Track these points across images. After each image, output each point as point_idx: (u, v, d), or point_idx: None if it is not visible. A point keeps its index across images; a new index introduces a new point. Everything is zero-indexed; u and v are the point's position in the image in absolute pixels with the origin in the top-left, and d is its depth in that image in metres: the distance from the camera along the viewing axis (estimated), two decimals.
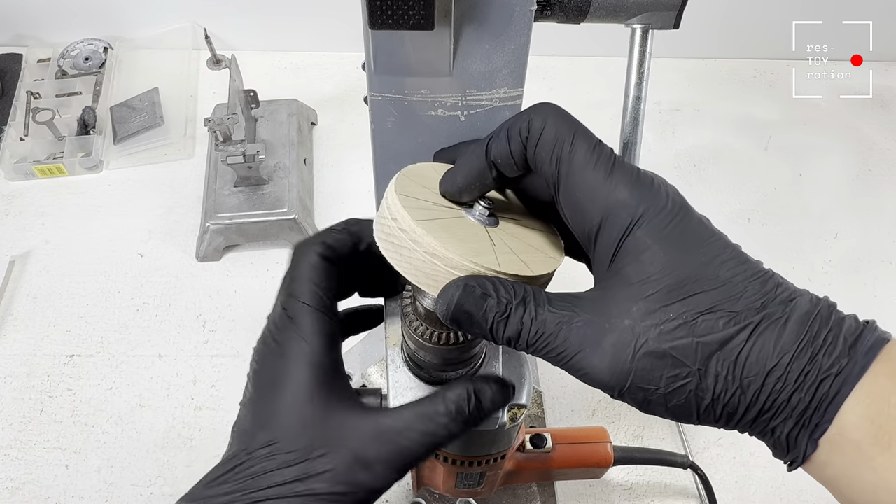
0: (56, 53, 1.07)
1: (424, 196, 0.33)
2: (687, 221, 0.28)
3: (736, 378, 0.26)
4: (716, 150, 1.05)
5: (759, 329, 0.26)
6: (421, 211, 0.31)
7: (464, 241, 0.30)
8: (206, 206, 0.88)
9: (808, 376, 0.26)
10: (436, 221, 0.31)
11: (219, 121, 0.82)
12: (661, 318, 0.27)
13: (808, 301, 0.27)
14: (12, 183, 0.96)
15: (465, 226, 0.32)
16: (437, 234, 0.30)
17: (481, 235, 0.32)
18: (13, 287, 0.86)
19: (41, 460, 0.73)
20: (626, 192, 0.29)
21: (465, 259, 0.29)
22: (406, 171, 0.34)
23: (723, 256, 0.28)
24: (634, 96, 0.43)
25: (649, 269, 0.28)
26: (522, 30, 0.32)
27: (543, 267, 0.32)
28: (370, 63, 0.34)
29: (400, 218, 0.31)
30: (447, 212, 0.33)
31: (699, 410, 0.28)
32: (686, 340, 0.27)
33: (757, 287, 0.27)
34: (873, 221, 0.99)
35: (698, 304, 0.27)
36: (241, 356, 0.80)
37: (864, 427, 0.25)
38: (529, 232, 0.34)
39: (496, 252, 0.31)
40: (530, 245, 0.33)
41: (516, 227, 0.34)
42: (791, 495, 0.75)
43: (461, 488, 0.57)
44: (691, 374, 0.27)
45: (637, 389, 0.27)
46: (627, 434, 0.78)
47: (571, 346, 0.28)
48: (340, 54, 1.12)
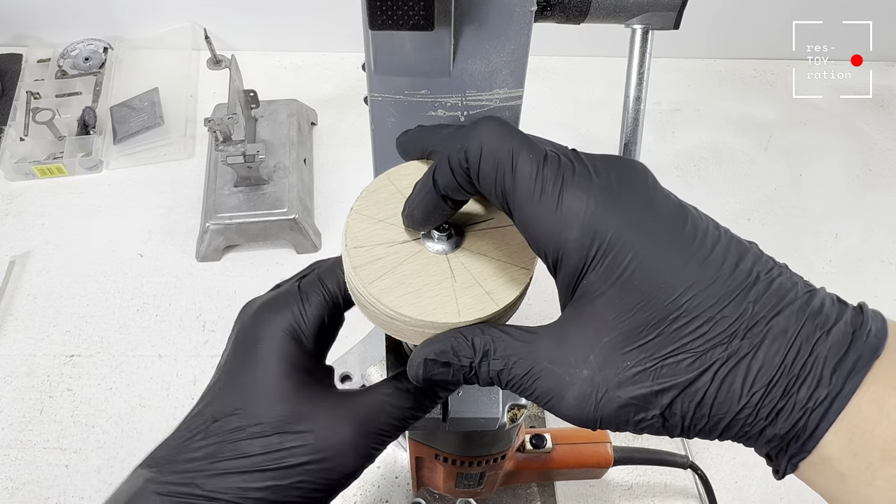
0: (56, 53, 1.07)
1: (379, 235, 0.32)
2: (652, 242, 0.25)
3: (703, 416, 0.25)
4: (716, 150, 1.05)
5: (725, 367, 0.25)
6: (375, 265, 0.31)
7: (420, 293, 0.30)
8: (206, 206, 0.88)
9: (781, 412, 0.24)
10: (390, 274, 0.31)
11: (219, 121, 0.82)
12: (619, 367, 0.26)
13: (790, 316, 0.25)
14: (12, 183, 0.96)
15: (422, 266, 0.32)
16: (392, 296, 0.30)
17: (441, 272, 0.32)
18: (13, 287, 0.86)
19: (41, 460, 0.73)
20: (576, 230, 0.26)
21: (422, 319, 0.30)
22: (359, 205, 0.33)
23: (694, 279, 0.25)
24: (634, 96, 0.43)
25: (605, 315, 0.26)
26: (522, 30, 0.32)
27: (509, 292, 0.31)
28: (370, 63, 0.34)
29: (355, 279, 0.31)
30: (403, 251, 0.32)
31: (672, 436, 0.27)
32: (646, 389, 0.25)
33: (729, 311, 0.25)
34: (873, 221, 0.99)
35: (658, 348, 0.25)
36: None
37: (846, 460, 0.24)
38: (499, 238, 0.33)
39: (456, 293, 0.31)
40: (499, 260, 0.32)
41: (483, 239, 0.33)
42: (791, 495, 0.75)
43: (461, 488, 0.57)
44: (655, 417, 0.26)
45: (609, 426, 0.27)
46: (627, 434, 0.78)
47: (540, 393, 0.28)
48: (340, 54, 1.12)
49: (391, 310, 0.30)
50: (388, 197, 0.34)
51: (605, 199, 0.26)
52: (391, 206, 0.34)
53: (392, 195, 0.34)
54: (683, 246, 0.26)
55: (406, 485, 0.70)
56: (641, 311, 0.25)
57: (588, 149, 0.29)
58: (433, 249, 0.32)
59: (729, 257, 0.26)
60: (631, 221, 0.26)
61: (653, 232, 0.26)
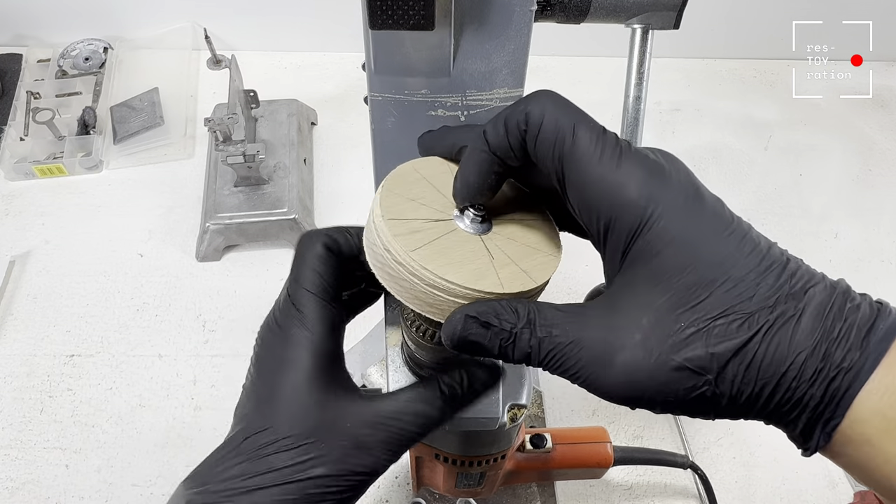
0: (56, 53, 1.07)
1: (413, 212, 0.32)
2: (699, 216, 0.27)
3: (751, 381, 0.26)
4: (716, 150, 1.05)
5: (773, 329, 0.26)
6: (414, 236, 0.30)
7: (462, 265, 0.30)
8: (206, 206, 0.88)
9: (821, 373, 0.25)
10: (430, 246, 0.30)
11: (219, 121, 0.82)
12: (673, 329, 0.26)
13: (823, 290, 0.26)
14: (12, 183, 0.96)
15: (459, 241, 0.32)
16: (435, 263, 0.29)
17: (478, 250, 0.31)
18: (13, 287, 0.86)
19: (41, 460, 0.73)
20: (634, 191, 0.27)
21: (468, 287, 0.29)
22: (389, 184, 0.33)
23: (736, 252, 0.27)
24: (634, 96, 0.43)
25: (658, 276, 0.27)
26: (522, 30, 0.32)
27: (544, 272, 0.31)
28: (370, 63, 0.34)
29: (394, 250, 0.30)
30: (439, 227, 0.32)
31: (715, 411, 0.27)
32: (700, 351, 0.26)
33: (771, 281, 0.26)
34: (873, 221, 0.99)
35: (711, 309, 0.26)
36: (241, 356, 0.80)
37: (874, 421, 0.25)
38: (525, 229, 0.34)
39: (496, 267, 0.30)
40: (528, 245, 0.33)
41: (511, 227, 0.33)
42: (791, 495, 0.75)
43: (461, 488, 0.57)
44: (707, 383, 0.26)
45: (653, 402, 0.27)
46: (627, 434, 0.78)
47: (583, 365, 0.27)
48: (340, 54, 1.12)
49: (438, 276, 0.29)
50: (416, 181, 0.34)
51: (660, 171, 0.28)
52: (420, 188, 0.33)
53: (418, 180, 0.34)
54: (726, 223, 0.27)
55: (406, 485, 0.70)
56: (693, 273, 0.26)
57: None
58: (467, 230, 0.32)
59: (762, 241, 0.28)
60: (682, 194, 0.28)
61: (700, 207, 0.28)
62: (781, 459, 0.77)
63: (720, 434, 0.78)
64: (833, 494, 0.75)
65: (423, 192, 0.33)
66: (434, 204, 0.33)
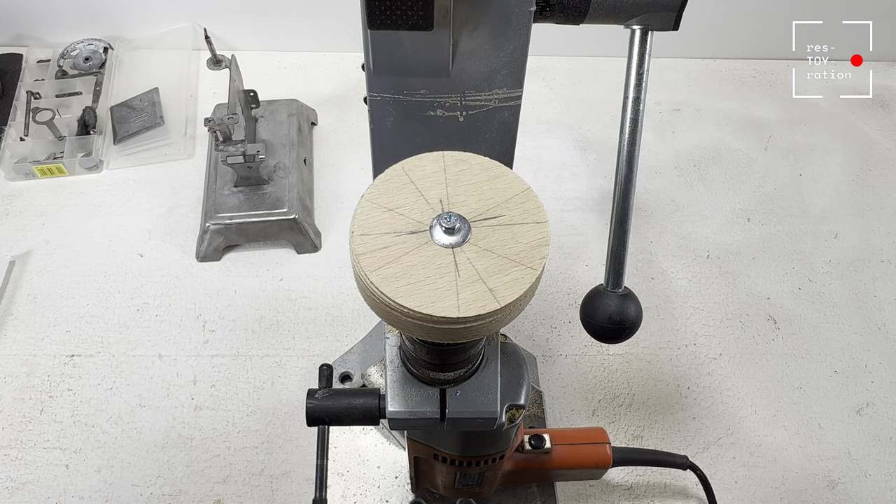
0: (56, 53, 1.07)
1: (388, 224, 0.32)
2: None
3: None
4: (716, 150, 1.05)
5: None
6: (380, 253, 0.31)
7: (423, 285, 0.30)
8: (206, 206, 0.88)
9: None
10: (395, 264, 0.31)
11: (219, 121, 0.82)
12: None
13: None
14: (12, 183, 0.96)
15: (427, 258, 0.32)
16: (395, 286, 0.30)
17: (445, 266, 0.31)
18: (13, 287, 0.86)
19: (41, 460, 0.73)
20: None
21: (421, 312, 0.30)
22: (371, 194, 0.33)
23: None
24: (634, 97, 0.43)
25: None
26: (522, 30, 0.32)
27: (513, 290, 0.31)
28: (369, 63, 0.34)
29: (358, 267, 0.31)
30: (410, 242, 0.32)
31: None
32: None
33: None
34: (873, 221, 0.99)
35: None
36: (241, 356, 0.80)
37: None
38: (512, 235, 0.33)
39: (458, 287, 0.30)
40: (506, 257, 0.32)
41: (497, 234, 0.33)
42: (791, 495, 0.75)
43: (461, 488, 0.57)
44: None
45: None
46: (627, 434, 0.78)
47: None
48: (340, 54, 1.12)
49: (390, 300, 0.30)
50: (401, 187, 0.34)
51: None
52: (402, 195, 0.33)
53: (404, 185, 0.34)
54: None
55: (406, 485, 0.70)
56: None
57: (588, 148, 0.29)
58: (440, 242, 0.32)
59: None
60: None
61: None
62: (781, 459, 0.77)
63: (720, 434, 0.79)
64: (833, 494, 0.75)
65: (405, 200, 0.33)
66: (412, 213, 0.33)
